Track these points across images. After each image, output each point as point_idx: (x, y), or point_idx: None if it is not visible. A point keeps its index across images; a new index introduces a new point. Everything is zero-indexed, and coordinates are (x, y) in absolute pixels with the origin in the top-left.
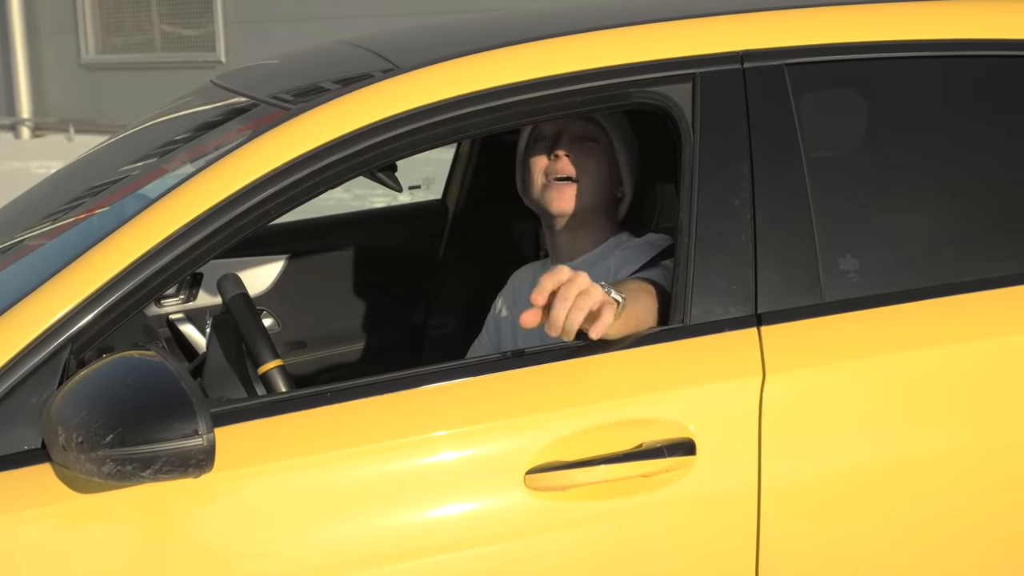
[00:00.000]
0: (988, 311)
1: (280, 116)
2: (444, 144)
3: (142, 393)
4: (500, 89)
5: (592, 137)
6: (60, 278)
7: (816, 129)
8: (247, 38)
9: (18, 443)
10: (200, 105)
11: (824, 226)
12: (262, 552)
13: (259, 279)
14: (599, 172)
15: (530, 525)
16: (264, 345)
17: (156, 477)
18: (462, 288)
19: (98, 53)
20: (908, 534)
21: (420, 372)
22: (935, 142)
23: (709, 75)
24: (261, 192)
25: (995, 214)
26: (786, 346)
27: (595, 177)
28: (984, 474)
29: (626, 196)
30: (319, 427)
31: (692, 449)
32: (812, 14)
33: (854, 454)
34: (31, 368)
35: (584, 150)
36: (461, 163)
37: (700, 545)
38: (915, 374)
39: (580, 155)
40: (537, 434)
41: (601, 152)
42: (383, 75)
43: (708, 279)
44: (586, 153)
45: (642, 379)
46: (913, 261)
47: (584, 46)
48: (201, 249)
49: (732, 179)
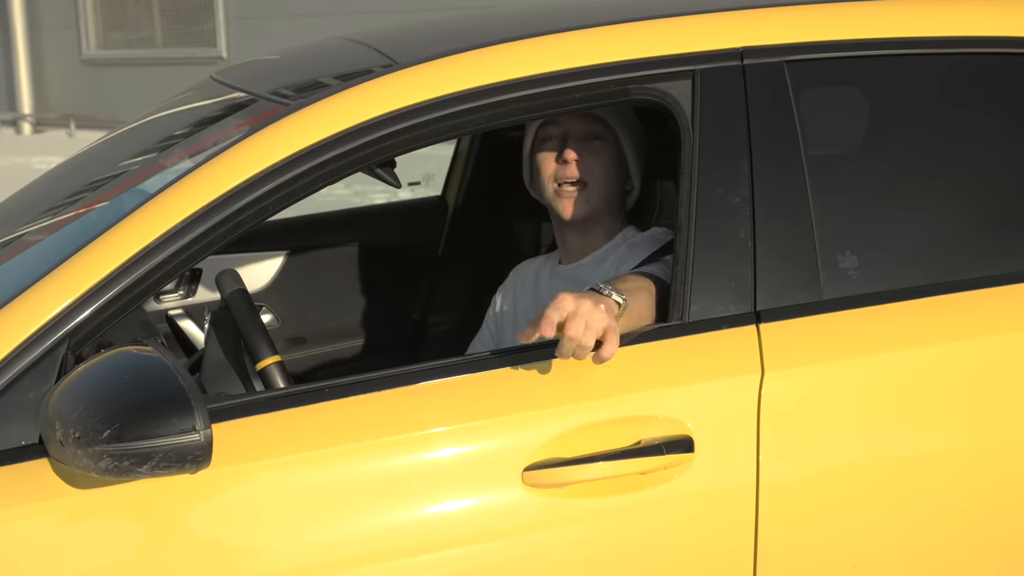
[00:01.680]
0: (988, 309)
1: (279, 112)
2: (444, 140)
3: (139, 389)
4: (499, 85)
5: (599, 136)
6: (58, 273)
7: (816, 126)
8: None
9: (15, 438)
10: (199, 101)
11: (823, 223)
12: (260, 548)
13: (258, 275)
14: (608, 172)
15: (528, 522)
16: (262, 341)
17: (153, 473)
18: (461, 284)
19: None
20: (905, 532)
21: (418, 368)
22: (935, 140)
23: (709, 72)
24: (260, 187)
25: (996, 211)
26: (785, 343)
27: (605, 177)
28: (982, 472)
29: (635, 188)
30: (317, 423)
31: (691, 446)
32: (812, 11)
33: (852, 452)
34: (29, 363)
35: (592, 150)
36: (461, 159)
37: (698, 542)
38: (914, 372)
39: (588, 156)
40: (535, 431)
41: (609, 150)
42: (382, 71)
43: (707, 276)
44: (594, 153)
45: (641, 376)
46: (913, 259)
47: (584, 42)
48: (200, 244)
49: (732, 176)
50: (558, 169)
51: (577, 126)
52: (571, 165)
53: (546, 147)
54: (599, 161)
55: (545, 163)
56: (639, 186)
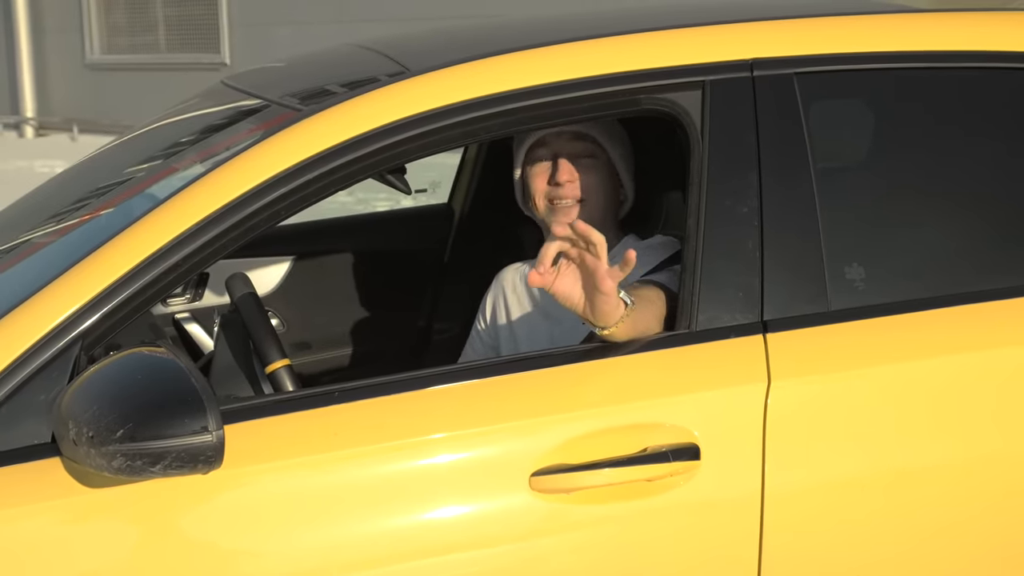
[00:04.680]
0: (996, 322)
1: (291, 117)
2: (454, 147)
3: (153, 389)
4: (510, 93)
5: (589, 154)
6: (72, 274)
7: (825, 138)
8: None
9: (28, 437)
10: (210, 106)
11: (831, 235)
12: (267, 551)
13: (265, 280)
14: (601, 188)
15: (534, 527)
16: (272, 344)
17: (166, 473)
18: (467, 291)
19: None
20: (910, 542)
21: (428, 373)
22: (944, 153)
23: (719, 83)
24: (272, 192)
25: (1004, 225)
26: (791, 353)
27: (598, 193)
28: (993, 482)
29: (628, 198)
30: (326, 427)
31: (697, 454)
32: (822, 23)
33: (858, 461)
34: (42, 363)
35: (583, 168)
36: (468, 167)
37: (703, 550)
38: (920, 383)
39: (582, 174)
40: (543, 437)
41: (600, 166)
42: (394, 78)
43: (715, 286)
44: (586, 172)
45: (648, 384)
46: (920, 271)
47: (594, 52)
48: (212, 248)
49: (740, 187)
50: (551, 190)
51: (567, 146)
52: (564, 187)
53: (537, 168)
54: (592, 177)
55: (537, 183)
56: (632, 195)
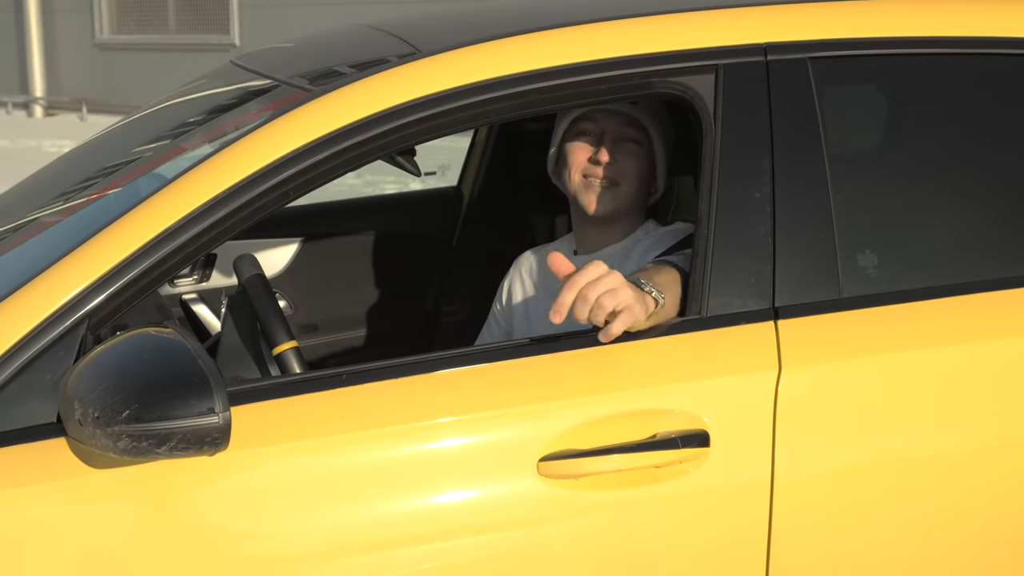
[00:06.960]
0: (1011, 310)
1: (301, 97)
2: (465, 129)
3: (159, 370)
4: (522, 76)
5: (635, 139)
6: (79, 254)
7: (838, 124)
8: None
9: (34, 417)
10: (219, 86)
11: (844, 221)
12: (273, 533)
13: (273, 262)
14: (639, 175)
15: (542, 512)
16: (279, 326)
17: (171, 454)
18: (475, 275)
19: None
20: (921, 531)
21: (436, 357)
22: (957, 140)
23: (732, 67)
24: (281, 173)
25: (1020, 213)
26: (803, 340)
27: (634, 180)
28: (1007, 471)
29: (658, 190)
30: (333, 409)
31: (706, 441)
32: (837, 8)
33: (868, 449)
34: (48, 343)
35: (626, 153)
36: (477, 150)
37: (711, 537)
38: (931, 371)
39: (621, 158)
40: (551, 422)
41: (642, 154)
42: (405, 59)
43: (726, 271)
44: (627, 156)
45: (658, 370)
46: (933, 258)
47: (607, 35)
48: (220, 228)
49: (753, 172)
50: (589, 165)
51: (614, 126)
52: (604, 165)
53: (580, 140)
54: (632, 164)
55: (576, 156)
56: (663, 189)
